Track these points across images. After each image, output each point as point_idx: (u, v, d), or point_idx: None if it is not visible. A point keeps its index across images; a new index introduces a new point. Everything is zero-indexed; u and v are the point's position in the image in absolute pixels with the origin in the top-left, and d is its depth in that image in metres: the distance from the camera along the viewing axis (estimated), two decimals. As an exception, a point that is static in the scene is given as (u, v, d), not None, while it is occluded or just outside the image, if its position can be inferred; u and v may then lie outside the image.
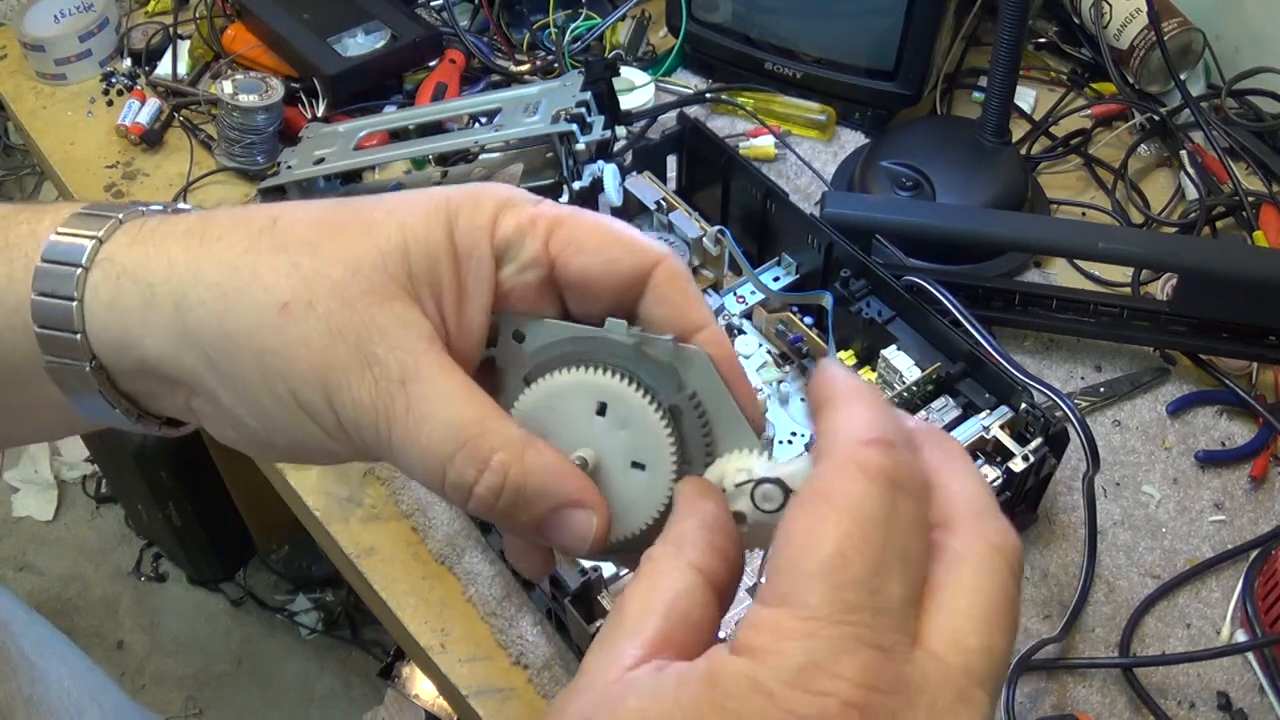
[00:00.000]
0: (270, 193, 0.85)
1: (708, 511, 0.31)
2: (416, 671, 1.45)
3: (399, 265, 0.32)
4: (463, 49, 1.03)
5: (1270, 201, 0.90)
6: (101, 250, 0.34)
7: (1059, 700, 0.65)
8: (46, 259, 0.34)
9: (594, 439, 0.33)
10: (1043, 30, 1.10)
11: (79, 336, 0.34)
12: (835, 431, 0.28)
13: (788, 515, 0.27)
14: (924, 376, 0.70)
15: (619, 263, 0.33)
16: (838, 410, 0.29)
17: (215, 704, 1.66)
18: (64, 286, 0.34)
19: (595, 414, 0.33)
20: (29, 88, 1.08)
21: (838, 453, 0.27)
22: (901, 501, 0.26)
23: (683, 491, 0.33)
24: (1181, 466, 0.76)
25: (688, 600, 0.29)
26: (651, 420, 0.33)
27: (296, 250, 0.32)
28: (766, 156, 0.97)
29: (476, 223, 0.33)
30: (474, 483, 0.31)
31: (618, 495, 0.34)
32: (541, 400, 0.34)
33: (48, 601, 1.78)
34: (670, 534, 0.31)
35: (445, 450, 0.31)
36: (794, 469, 0.32)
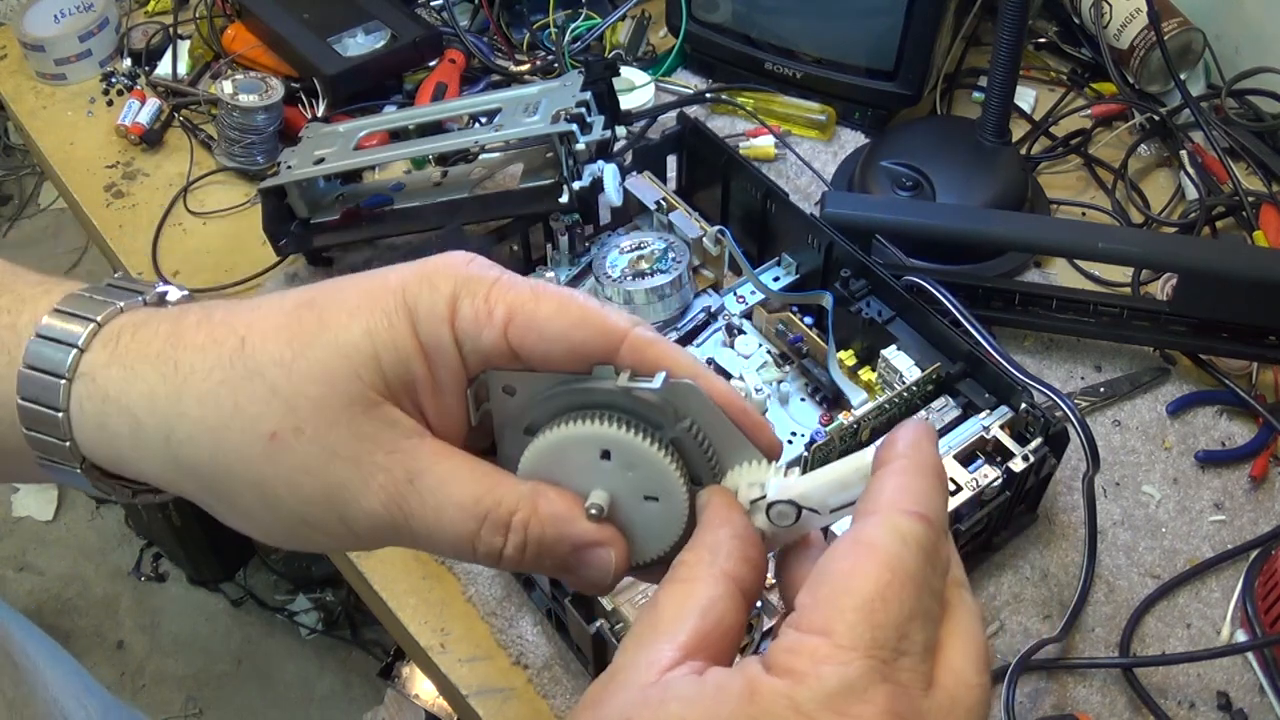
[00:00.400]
0: (270, 193, 0.85)
1: (738, 523, 0.33)
2: (416, 671, 1.45)
3: (374, 374, 0.33)
4: (463, 49, 1.03)
5: (1270, 201, 0.90)
6: (82, 362, 0.34)
7: (1059, 700, 0.65)
8: (29, 365, 0.34)
9: (604, 481, 0.35)
10: (1043, 30, 1.10)
11: (68, 444, 0.34)
12: (885, 492, 0.31)
13: (832, 555, 0.29)
14: (924, 376, 0.70)
15: (584, 346, 0.34)
16: (896, 477, 0.31)
17: (215, 704, 1.66)
18: (49, 396, 0.34)
19: (600, 459, 0.34)
20: (29, 88, 1.09)
21: (885, 513, 0.30)
22: (930, 570, 0.29)
23: (712, 502, 0.34)
24: (1181, 466, 0.76)
25: (722, 605, 0.31)
26: (655, 459, 0.34)
27: (271, 372, 0.33)
28: (766, 156, 0.97)
29: (436, 313, 0.33)
30: (502, 547, 0.33)
31: (639, 525, 0.35)
32: (546, 453, 0.35)
33: (48, 601, 1.78)
34: (703, 541, 0.33)
35: (469, 529, 0.33)
36: (804, 489, 0.33)
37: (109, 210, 0.96)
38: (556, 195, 0.79)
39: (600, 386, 0.34)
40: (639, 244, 0.79)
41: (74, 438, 0.34)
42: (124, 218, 0.96)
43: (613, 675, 0.30)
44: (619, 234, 0.85)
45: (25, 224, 2.37)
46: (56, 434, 0.34)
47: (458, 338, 0.33)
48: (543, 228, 0.82)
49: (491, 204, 0.84)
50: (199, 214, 0.95)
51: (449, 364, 0.34)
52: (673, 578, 0.32)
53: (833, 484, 0.33)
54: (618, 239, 0.81)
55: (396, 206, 0.86)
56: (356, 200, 0.87)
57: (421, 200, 0.86)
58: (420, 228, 0.84)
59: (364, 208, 0.86)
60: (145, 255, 0.91)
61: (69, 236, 2.27)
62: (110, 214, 0.96)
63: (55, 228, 2.33)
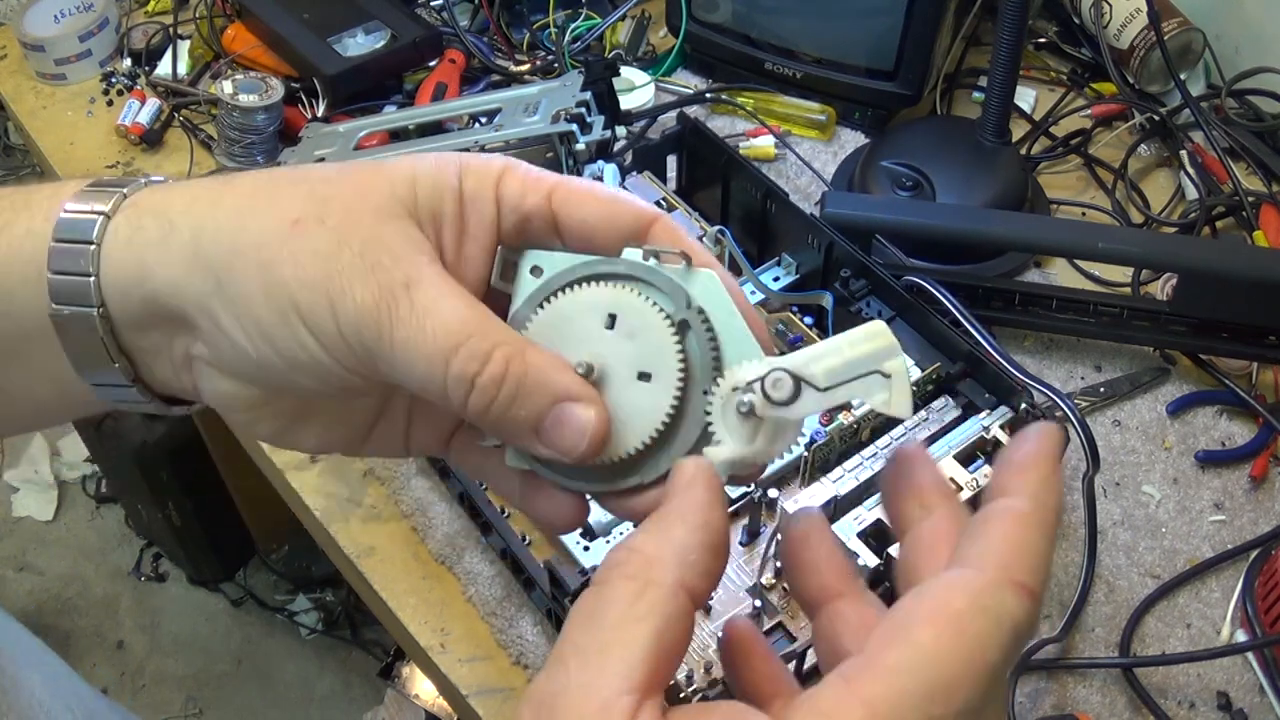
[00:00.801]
0: (270, 193, 0.85)
1: (715, 525, 0.30)
2: (416, 671, 1.45)
3: (407, 192, 0.34)
4: (463, 49, 1.03)
5: (1270, 201, 0.90)
6: (126, 201, 0.35)
7: (1059, 700, 0.65)
8: (70, 210, 0.35)
9: (601, 350, 0.34)
10: (1043, 30, 1.10)
11: (92, 280, 0.34)
12: (994, 546, 0.27)
13: (916, 612, 0.26)
14: (924, 376, 0.70)
15: (619, 217, 0.35)
16: (1011, 523, 0.27)
17: (215, 704, 1.66)
18: (84, 232, 0.35)
19: (605, 327, 0.34)
20: (29, 88, 1.09)
21: (993, 579, 0.26)
22: (1011, 658, 0.26)
23: (693, 486, 0.31)
24: (1181, 466, 0.76)
25: (677, 626, 0.28)
26: (659, 328, 0.33)
27: (314, 181, 0.34)
28: (766, 156, 0.97)
29: (484, 173, 0.35)
30: (476, 374, 0.32)
31: (621, 406, 0.34)
32: (554, 316, 0.34)
33: (48, 601, 1.78)
34: (671, 536, 0.29)
35: (449, 343, 0.32)
36: (801, 359, 0.32)
37: (109, 210, 0.96)
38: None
39: (625, 260, 0.34)
40: (639, 244, 0.79)
41: (99, 274, 0.34)
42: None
43: (553, 695, 0.27)
44: (619, 234, 0.85)
45: (25, 224, 2.37)
46: (82, 270, 0.34)
47: (499, 196, 0.35)
48: (543, 228, 0.82)
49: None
50: (199, 214, 0.95)
51: (483, 215, 0.35)
52: (625, 570, 0.28)
53: (837, 358, 0.31)
54: (618, 239, 0.81)
55: (396, 206, 0.86)
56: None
57: (421, 200, 0.86)
58: (420, 228, 0.84)
59: (364, 208, 0.86)
60: (145, 255, 0.91)
61: (69, 236, 2.27)
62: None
63: (55, 228, 2.34)
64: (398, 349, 0.32)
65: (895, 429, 0.69)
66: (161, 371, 0.37)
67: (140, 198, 0.36)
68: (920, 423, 0.69)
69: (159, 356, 0.36)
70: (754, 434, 0.33)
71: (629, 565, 0.29)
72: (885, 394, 0.31)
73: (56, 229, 0.35)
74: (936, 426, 0.69)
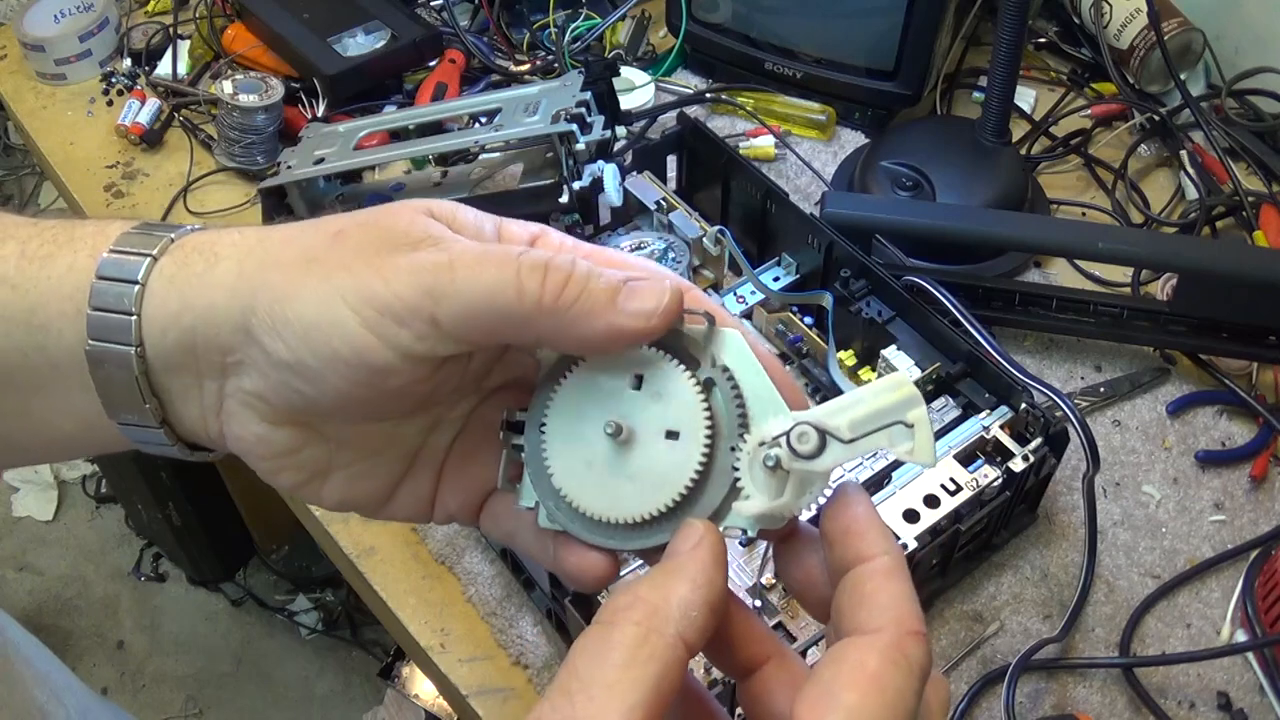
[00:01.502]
0: (270, 193, 0.85)
1: (716, 586, 0.32)
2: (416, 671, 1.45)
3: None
4: (463, 49, 1.03)
5: (1270, 201, 0.90)
6: (174, 244, 0.36)
7: (1059, 700, 0.65)
8: (116, 250, 0.35)
9: (629, 409, 0.34)
10: (1043, 30, 1.10)
11: (133, 319, 0.34)
12: (885, 606, 0.30)
13: (838, 678, 0.29)
14: (924, 376, 0.70)
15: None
16: (888, 581, 0.31)
17: (215, 704, 1.66)
18: (130, 272, 0.35)
19: (632, 388, 0.34)
20: (29, 88, 1.09)
21: (892, 636, 0.30)
22: (920, 689, 0.30)
23: (700, 546, 0.32)
24: (1181, 466, 0.76)
25: (673, 676, 0.29)
26: (685, 387, 0.34)
27: (358, 214, 0.35)
28: (766, 156, 0.97)
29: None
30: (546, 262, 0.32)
31: (649, 465, 0.34)
32: (582, 380, 0.35)
33: (48, 601, 1.78)
34: (676, 592, 0.31)
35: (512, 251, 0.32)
36: (825, 411, 0.32)
37: (109, 210, 0.96)
38: (556, 195, 0.79)
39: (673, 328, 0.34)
40: (639, 244, 0.79)
41: (141, 313, 0.34)
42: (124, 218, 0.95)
43: None
44: (619, 234, 0.85)
45: (25, 224, 2.37)
46: (124, 309, 0.34)
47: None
48: (543, 228, 0.82)
49: (491, 204, 0.84)
50: (199, 214, 0.95)
51: None
52: (631, 617, 0.30)
53: (861, 410, 0.32)
54: (618, 239, 0.81)
55: (396, 206, 0.86)
56: (356, 200, 0.87)
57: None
58: (420, 228, 0.84)
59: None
60: (145, 255, 0.91)
61: (69, 236, 2.27)
62: (110, 214, 0.96)
63: (55, 228, 2.33)
64: (460, 281, 0.32)
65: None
66: (189, 416, 0.36)
67: (188, 239, 0.36)
68: (920, 423, 0.69)
69: (188, 400, 0.36)
70: (781, 487, 0.33)
71: (635, 612, 0.30)
72: (909, 443, 0.32)
73: (101, 267, 0.35)
74: (937, 426, 0.69)
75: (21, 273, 0.36)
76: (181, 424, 0.37)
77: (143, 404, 0.36)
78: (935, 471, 0.65)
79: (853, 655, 0.30)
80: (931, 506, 0.64)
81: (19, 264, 0.37)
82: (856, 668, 0.29)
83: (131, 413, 0.36)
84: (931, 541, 0.63)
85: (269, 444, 0.36)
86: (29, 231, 0.38)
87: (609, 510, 0.34)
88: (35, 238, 0.37)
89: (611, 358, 0.34)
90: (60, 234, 0.37)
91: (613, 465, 0.34)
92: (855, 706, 0.28)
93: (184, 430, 0.37)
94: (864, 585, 0.31)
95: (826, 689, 0.29)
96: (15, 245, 0.37)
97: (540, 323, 0.32)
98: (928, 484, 0.65)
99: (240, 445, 0.36)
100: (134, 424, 0.36)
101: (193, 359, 0.35)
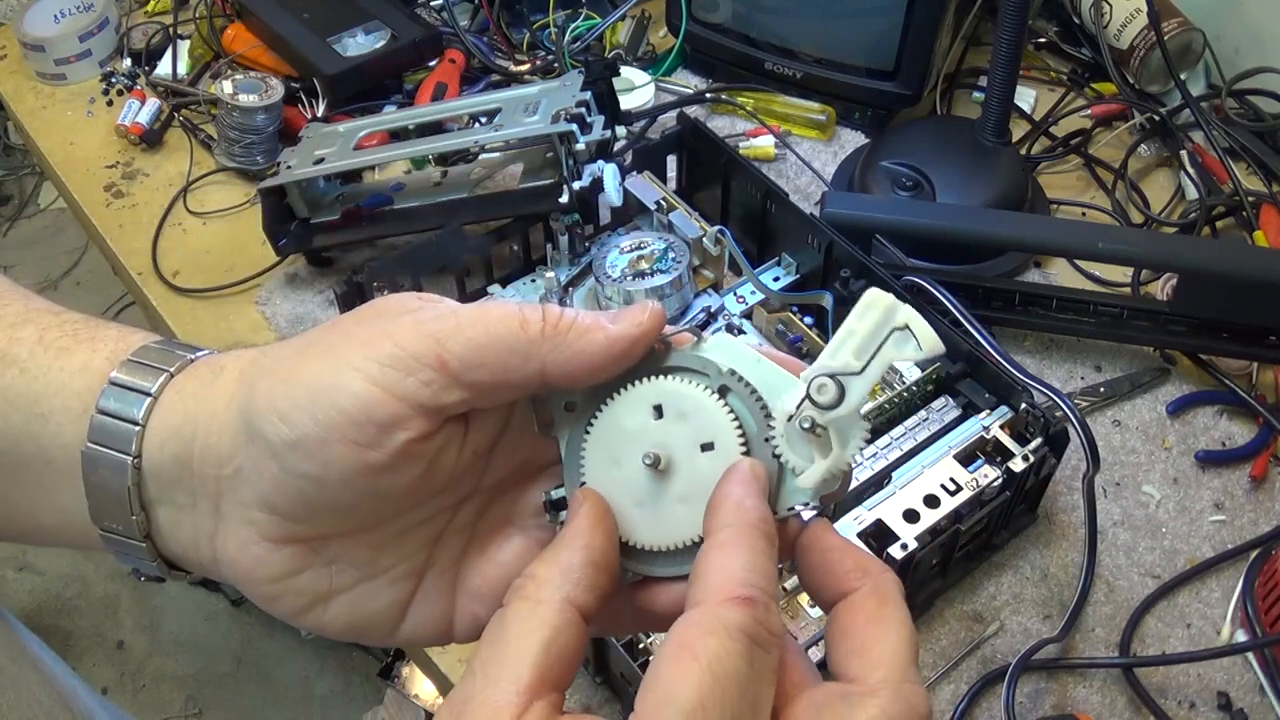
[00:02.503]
0: (270, 193, 0.85)
1: (597, 546, 0.33)
2: (416, 671, 1.45)
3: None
4: (463, 49, 1.03)
5: (1270, 201, 0.90)
6: (191, 364, 0.36)
7: (1059, 700, 0.65)
8: (135, 359, 0.36)
9: (660, 438, 0.35)
10: (1043, 30, 1.10)
11: (138, 429, 0.35)
12: (707, 578, 0.31)
13: (659, 657, 0.29)
14: (924, 376, 0.70)
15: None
16: (719, 552, 0.31)
17: (215, 704, 1.66)
18: (145, 383, 0.35)
19: (654, 419, 0.35)
20: (29, 88, 1.09)
21: (706, 604, 0.30)
22: (758, 657, 0.29)
23: (579, 511, 0.34)
24: (1181, 466, 0.76)
25: (564, 636, 0.31)
26: (704, 400, 0.34)
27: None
28: (766, 156, 0.97)
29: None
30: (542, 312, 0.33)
31: (695, 482, 0.35)
32: (605, 427, 0.35)
33: (48, 601, 1.78)
34: (557, 558, 0.33)
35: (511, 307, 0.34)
36: (826, 356, 0.33)
37: (109, 210, 0.96)
38: (556, 195, 0.79)
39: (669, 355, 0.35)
40: (639, 244, 0.79)
41: (146, 424, 0.35)
42: (124, 218, 0.96)
43: (460, 711, 0.30)
44: (619, 234, 0.85)
45: (25, 224, 2.37)
46: (131, 418, 0.35)
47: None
48: (543, 228, 0.82)
49: (491, 204, 0.84)
50: (199, 214, 0.95)
51: None
52: (521, 593, 0.32)
53: (855, 339, 0.33)
54: (618, 239, 0.81)
55: (396, 206, 0.86)
56: (356, 200, 0.87)
57: (421, 200, 0.86)
58: (420, 228, 0.84)
59: (364, 208, 0.86)
60: (145, 255, 0.91)
61: (69, 236, 2.27)
62: (110, 214, 0.96)
63: (55, 228, 2.33)
64: (465, 325, 0.33)
65: (895, 429, 0.69)
66: (180, 539, 0.36)
67: (202, 360, 0.37)
68: (920, 423, 0.69)
69: (180, 522, 0.36)
70: (825, 446, 0.34)
71: (524, 588, 0.32)
72: (912, 342, 0.32)
73: (117, 374, 0.35)
74: (937, 426, 0.69)
75: (35, 359, 0.37)
76: (168, 545, 0.36)
77: (129, 515, 0.35)
78: (935, 472, 0.66)
79: (675, 631, 0.30)
80: (931, 506, 0.64)
81: (33, 350, 0.37)
82: (673, 645, 0.30)
83: (116, 522, 0.36)
84: (931, 541, 0.63)
85: (267, 566, 0.35)
86: (50, 320, 0.38)
87: (672, 537, 0.35)
88: (56, 327, 0.38)
89: (625, 401, 0.35)
90: (81, 330, 0.38)
91: (659, 496, 0.35)
92: (669, 681, 0.29)
93: (171, 551, 0.36)
94: (698, 563, 0.32)
95: (652, 668, 0.29)
96: (34, 330, 0.37)
97: (543, 351, 0.33)
98: (928, 484, 0.65)
99: (236, 569, 0.35)
100: (117, 534, 0.36)
101: (188, 474, 0.35)
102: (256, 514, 0.34)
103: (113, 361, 0.36)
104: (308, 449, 0.32)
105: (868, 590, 0.32)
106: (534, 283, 0.82)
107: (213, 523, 0.35)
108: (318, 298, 0.87)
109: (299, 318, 0.86)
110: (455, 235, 0.79)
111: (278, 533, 0.34)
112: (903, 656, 0.31)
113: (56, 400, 0.36)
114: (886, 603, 0.32)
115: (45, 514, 0.38)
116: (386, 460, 0.33)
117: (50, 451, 0.36)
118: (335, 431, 0.32)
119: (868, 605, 0.32)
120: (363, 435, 0.32)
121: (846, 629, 0.32)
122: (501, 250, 0.82)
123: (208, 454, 0.34)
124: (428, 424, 0.33)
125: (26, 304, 0.40)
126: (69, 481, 0.35)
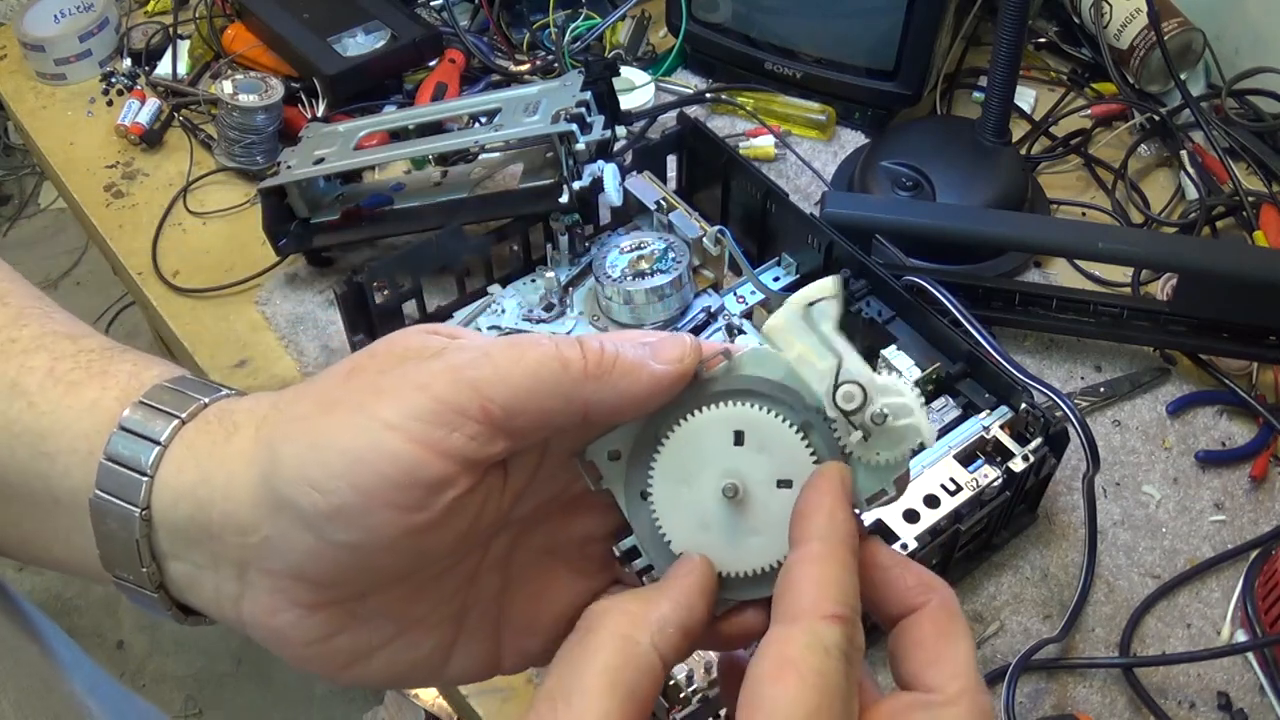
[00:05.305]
0: (270, 193, 0.85)
1: (698, 609, 0.33)
2: (416, 671, 1.45)
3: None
4: (463, 49, 1.03)
5: (1270, 201, 0.90)
6: (203, 412, 0.35)
7: (1059, 700, 0.65)
8: (146, 401, 0.34)
9: (736, 466, 0.35)
10: (1043, 30, 1.10)
11: (146, 480, 0.33)
12: (801, 593, 0.31)
13: (760, 675, 0.29)
14: (924, 376, 0.70)
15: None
16: (814, 567, 0.31)
17: (215, 704, 1.66)
18: (156, 430, 0.34)
19: (733, 444, 0.35)
20: (29, 88, 1.09)
21: (808, 622, 0.30)
22: (853, 672, 0.30)
23: (681, 566, 0.34)
24: (1181, 466, 0.76)
25: (648, 682, 0.31)
26: (788, 437, 0.34)
27: None
28: (766, 156, 0.97)
29: None
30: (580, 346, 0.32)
31: (770, 514, 0.35)
32: (682, 443, 0.35)
33: (48, 601, 1.78)
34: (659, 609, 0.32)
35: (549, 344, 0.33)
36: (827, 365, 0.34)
37: (109, 210, 0.96)
38: (556, 195, 0.79)
39: (711, 378, 0.35)
40: (639, 244, 0.79)
41: (155, 475, 0.33)
42: (124, 218, 0.96)
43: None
44: (619, 234, 0.85)
45: (25, 224, 2.37)
46: (139, 468, 0.33)
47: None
48: (543, 228, 0.82)
49: (491, 204, 0.84)
50: (199, 214, 0.95)
51: None
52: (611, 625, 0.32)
53: (807, 352, 0.34)
54: (618, 239, 0.81)
55: (396, 206, 0.86)
56: (356, 200, 0.87)
57: (421, 200, 0.86)
58: (420, 228, 0.84)
59: (364, 208, 0.86)
60: (145, 255, 0.91)
61: (69, 236, 2.27)
62: (110, 214, 0.96)
63: (55, 228, 2.34)
64: (502, 367, 0.31)
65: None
66: (202, 597, 0.35)
67: (211, 407, 0.35)
68: (920, 423, 0.69)
69: (200, 581, 0.34)
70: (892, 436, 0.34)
71: (614, 620, 0.32)
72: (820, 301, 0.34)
73: (126, 418, 0.34)
74: (937, 426, 0.69)
75: (44, 392, 0.35)
76: (185, 597, 0.35)
77: (140, 567, 0.34)
78: (935, 472, 0.65)
79: (773, 648, 0.30)
80: (931, 506, 0.64)
81: (43, 381, 0.35)
82: (777, 657, 0.30)
83: (127, 571, 0.34)
84: (931, 541, 0.63)
85: (301, 631, 0.33)
86: (65, 348, 0.36)
87: (747, 563, 0.35)
88: (70, 357, 0.36)
89: (705, 421, 0.34)
90: (95, 363, 0.36)
91: (731, 523, 0.35)
92: (776, 699, 0.29)
93: (190, 602, 0.35)
94: (789, 574, 0.32)
95: (754, 687, 0.29)
96: (46, 359, 0.36)
97: (587, 390, 0.32)
98: (928, 484, 0.65)
99: (266, 635, 0.34)
100: (129, 583, 0.34)
101: (207, 537, 0.33)
102: (287, 583, 0.32)
103: (123, 401, 0.34)
104: (348, 518, 0.30)
105: (936, 604, 0.33)
106: (534, 283, 0.82)
107: (238, 588, 0.33)
108: (318, 298, 0.87)
109: (299, 318, 0.86)
110: (455, 235, 0.79)
111: (310, 599, 0.33)
112: (973, 667, 0.32)
113: (63, 439, 0.34)
114: (955, 617, 0.33)
115: (57, 549, 0.36)
116: (434, 519, 0.31)
117: (57, 493, 0.34)
118: (378, 498, 0.30)
119: (939, 619, 0.33)
120: (409, 499, 0.30)
121: (920, 640, 0.32)
122: (501, 250, 0.82)
123: (228, 521, 0.32)
124: (474, 478, 0.32)
125: (43, 326, 0.38)
126: (78, 523, 0.34)
